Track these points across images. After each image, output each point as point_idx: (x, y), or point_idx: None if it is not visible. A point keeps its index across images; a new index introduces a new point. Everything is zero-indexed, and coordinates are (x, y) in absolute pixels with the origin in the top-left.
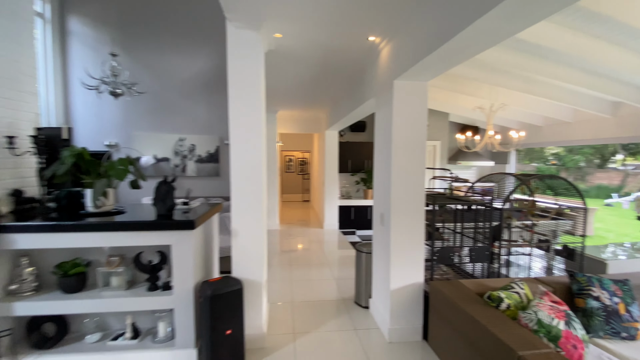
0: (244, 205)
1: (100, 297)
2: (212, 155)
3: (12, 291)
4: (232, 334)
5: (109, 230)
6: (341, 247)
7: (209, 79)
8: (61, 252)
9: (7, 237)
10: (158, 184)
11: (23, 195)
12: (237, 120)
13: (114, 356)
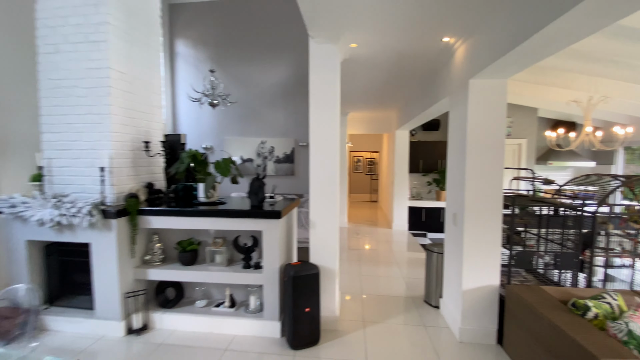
0: (321, 200)
1: (208, 270)
2: (288, 156)
3: (146, 261)
4: (310, 312)
5: (215, 217)
6: (411, 249)
7: (286, 87)
8: (180, 232)
9: (144, 219)
10: (252, 180)
11: (153, 188)
12: (316, 126)
13: (216, 319)
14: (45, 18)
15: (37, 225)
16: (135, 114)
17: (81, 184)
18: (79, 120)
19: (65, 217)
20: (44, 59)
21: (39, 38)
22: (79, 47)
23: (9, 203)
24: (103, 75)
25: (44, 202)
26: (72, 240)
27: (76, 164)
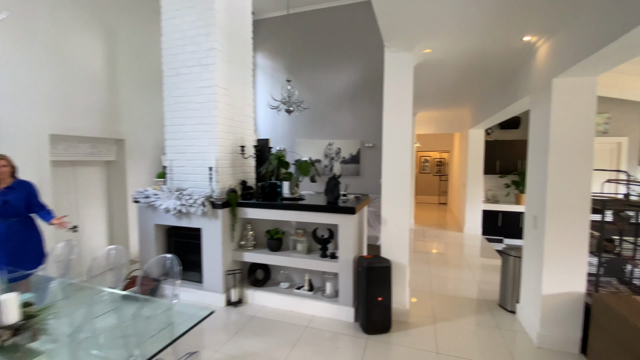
0: (393, 198)
1: (291, 256)
2: (354, 157)
3: (242, 245)
4: (382, 301)
5: (297, 210)
6: (485, 254)
7: (353, 90)
8: (268, 222)
9: (241, 210)
10: (329, 179)
11: (246, 185)
12: (389, 128)
13: (297, 300)
14: (168, 48)
15: (164, 213)
16: (234, 123)
17: (194, 180)
18: (193, 129)
19: (184, 207)
20: (168, 80)
21: (164, 64)
22: (194, 70)
23: (144, 195)
24: (211, 92)
25: (169, 194)
26: (188, 226)
27: (190, 165)
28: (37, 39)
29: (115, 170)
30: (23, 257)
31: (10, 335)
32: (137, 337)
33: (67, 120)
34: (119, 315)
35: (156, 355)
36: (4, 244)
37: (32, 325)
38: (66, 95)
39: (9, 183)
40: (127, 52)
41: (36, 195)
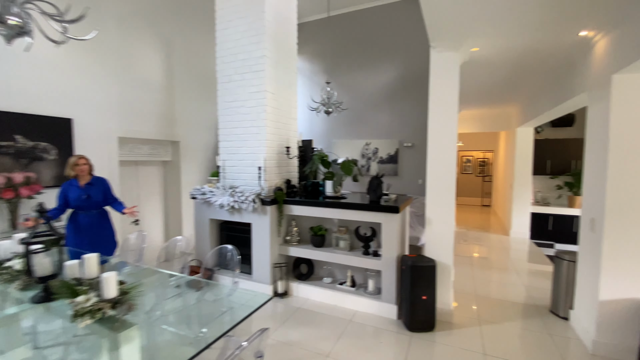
0: (438, 198)
1: (334, 252)
2: (392, 156)
3: (287, 240)
4: (426, 300)
5: (340, 208)
6: (533, 259)
7: (392, 90)
8: (311, 219)
9: (287, 207)
10: (372, 178)
11: (291, 183)
12: (435, 129)
13: (340, 295)
14: (222, 56)
15: (218, 208)
16: (280, 125)
17: (244, 179)
18: (244, 132)
19: (236, 203)
20: (221, 87)
21: (218, 72)
22: (245, 77)
23: (200, 192)
24: (261, 97)
25: (223, 191)
26: (239, 220)
27: (241, 164)
28: (107, 51)
29: (171, 169)
30: (101, 244)
31: (110, 307)
32: (202, 318)
33: (132, 124)
34: (184, 299)
35: (226, 333)
36: (87, 233)
37: (127, 300)
38: (131, 102)
39: (88, 180)
40: (181, 61)
41: (110, 190)
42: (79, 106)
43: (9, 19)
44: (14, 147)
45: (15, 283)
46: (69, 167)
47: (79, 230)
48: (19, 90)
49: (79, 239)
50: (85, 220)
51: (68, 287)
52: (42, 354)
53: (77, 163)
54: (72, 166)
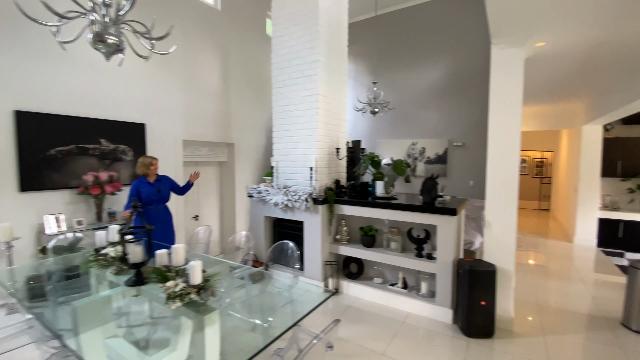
0: (498, 200)
1: (385, 253)
2: (440, 157)
3: (337, 239)
4: (485, 305)
5: (393, 209)
6: (601, 269)
7: (441, 87)
8: (360, 219)
9: (338, 207)
10: (425, 179)
11: (340, 184)
12: (496, 128)
13: (391, 296)
14: (277, 62)
15: (273, 206)
16: (331, 127)
17: (296, 179)
18: (296, 134)
19: (290, 202)
20: (276, 91)
21: (273, 77)
22: (298, 81)
23: (257, 190)
24: (313, 100)
25: (277, 190)
26: (291, 218)
27: (293, 165)
28: (174, 62)
29: (226, 169)
30: (165, 235)
31: (196, 292)
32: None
33: (194, 128)
34: (247, 289)
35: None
36: (159, 224)
37: (210, 286)
38: (193, 108)
39: (155, 177)
40: (236, 68)
41: (175, 183)
42: (151, 112)
43: (108, 38)
44: (99, 149)
45: (111, 268)
46: (143, 167)
47: (148, 222)
48: (103, 100)
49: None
50: (154, 213)
51: (159, 273)
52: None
53: (152, 163)
54: (148, 166)
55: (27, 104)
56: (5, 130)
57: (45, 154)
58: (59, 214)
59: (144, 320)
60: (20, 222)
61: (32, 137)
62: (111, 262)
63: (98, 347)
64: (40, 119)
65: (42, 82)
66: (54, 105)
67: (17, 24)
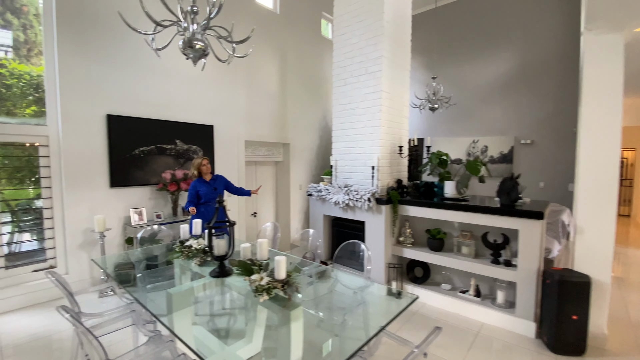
0: (592, 203)
1: (456, 258)
2: (504, 155)
3: (400, 241)
4: (577, 320)
5: (464, 211)
6: None
7: (504, 81)
8: (426, 221)
9: (402, 208)
10: (504, 179)
11: (402, 183)
12: (590, 124)
13: (462, 304)
14: (338, 61)
15: (332, 205)
16: (393, 124)
17: (356, 178)
18: (357, 132)
19: (351, 201)
20: (337, 90)
21: (334, 76)
22: (360, 79)
23: (317, 189)
24: (377, 97)
25: (338, 189)
26: (351, 218)
27: (353, 164)
28: (238, 67)
29: (281, 168)
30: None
31: (281, 287)
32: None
33: (254, 128)
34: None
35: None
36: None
37: (294, 282)
38: (254, 109)
39: (210, 177)
40: (292, 70)
41: (230, 182)
42: (218, 115)
43: (196, 44)
44: (174, 149)
45: (195, 259)
46: (194, 167)
47: (205, 219)
48: (177, 104)
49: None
50: (211, 210)
51: (244, 266)
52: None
53: (202, 163)
54: (198, 166)
55: (116, 108)
56: (100, 132)
57: (130, 154)
58: (141, 208)
59: (225, 311)
60: (109, 215)
61: (120, 139)
62: (195, 253)
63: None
64: (126, 122)
65: (128, 88)
66: (138, 109)
67: (111, 35)
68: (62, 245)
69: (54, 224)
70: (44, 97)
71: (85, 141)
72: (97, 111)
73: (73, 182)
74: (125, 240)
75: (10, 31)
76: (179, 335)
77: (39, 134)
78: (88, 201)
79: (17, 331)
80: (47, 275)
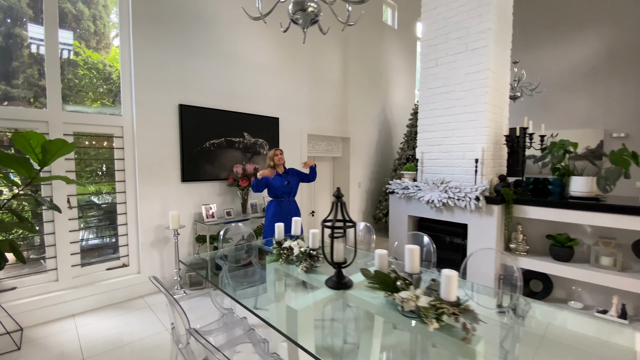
0: None
1: (591, 270)
2: (592, 151)
3: (511, 249)
4: None
5: (604, 212)
6: None
7: (590, 66)
8: (542, 225)
9: (516, 208)
10: None
11: (505, 179)
12: None
13: (601, 325)
14: (428, 39)
15: (424, 204)
16: (496, 110)
17: (451, 173)
18: (454, 120)
19: (452, 200)
20: (425, 72)
21: (422, 56)
22: (458, 57)
23: (402, 186)
24: (482, 77)
25: (432, 186)
26: (449, 220)
27: (447, 157)
28: (302, 56)
29: (339, 165)
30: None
31: (452, 313)
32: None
33: (316, 121)
34: None
35: None
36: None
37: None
38: (316, 101)
39: (283, 169)
40: (353, 60)
41: (302, 172)
42: (283, 106)
43: (309, 6)
44: (242, 143)
45: (301, 264)
46: (268, 158)
47: (280, 216)
48: (245, 95)
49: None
50: (286, 207)
51: (383, 278)
52: (366, 348)
53: (276, 154)
54: (271, 157)
55: (187, 97)
56: (172, 123)
57: (201, 147)
58: (212, 204)
59: (346, 330)
60: (181, 211)
61: (191, 131)
62: (301, 257)
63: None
64: (197, 113)
65: (199, 77)
66: (208, 99)
67: (183, 22)
68: (135, 243)
69: (127, 219)
70: (117, 86)
71: (158, 132)
72: (170, 100)
73: (146, 176)
74: (196, 238)
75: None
76: None
77: (114, 124)
78: (160, 196)
79: (98, 335)
80: (151, 279)
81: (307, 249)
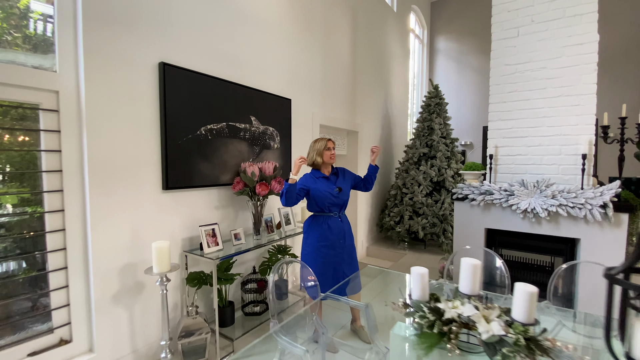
0: None
1: None
2: None
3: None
4: None
5: None
6: None
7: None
8: None
9: None
10: None
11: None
12: None
13: None
14: (503, 3)
15: (512, 214)
16: None
17: (541, 173)
18: (544, 105)
19: (562, 207)
20: (500, 45)
21: (495, 26)
22: (550, 25)
23: (479, 191)
24: (588, 51)
25: (529, 191)
26: (548, 234)
27: (533, 152)
28: (315, 29)
29: (345, 165)
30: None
31: None
32: None
33: (328, 110)
34: None
35: None
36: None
37: None
38: (328, 84)
39: (331, 170)
40: (362, 43)
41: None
42: (295, 85)
43: None
44: (249, 131)
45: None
46: (316, 153)
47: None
48: (247, 62)
49: (331, 253)
50: (337, 226)
51: None
52: None
53: (328, 146)
54: (322, 151)
55: (174, 54)
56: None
57: (194, 134)
58: (214, 224)
59: None
60: (166, 237)
61: (180, 107)
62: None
63: None
64: (188, 79)
65: (190, 26)
66: (203, 60)
67: None
68: (84, 300)
69: (66, 259)
70: (47, 19)
71: (125, 107)
72: (146, 54)
73: (103, 182)
74: (187, 279)
75: None
76: None
77: (42, 86)
78: (129, 215)
79: None
80: None
81: (525, 329)
